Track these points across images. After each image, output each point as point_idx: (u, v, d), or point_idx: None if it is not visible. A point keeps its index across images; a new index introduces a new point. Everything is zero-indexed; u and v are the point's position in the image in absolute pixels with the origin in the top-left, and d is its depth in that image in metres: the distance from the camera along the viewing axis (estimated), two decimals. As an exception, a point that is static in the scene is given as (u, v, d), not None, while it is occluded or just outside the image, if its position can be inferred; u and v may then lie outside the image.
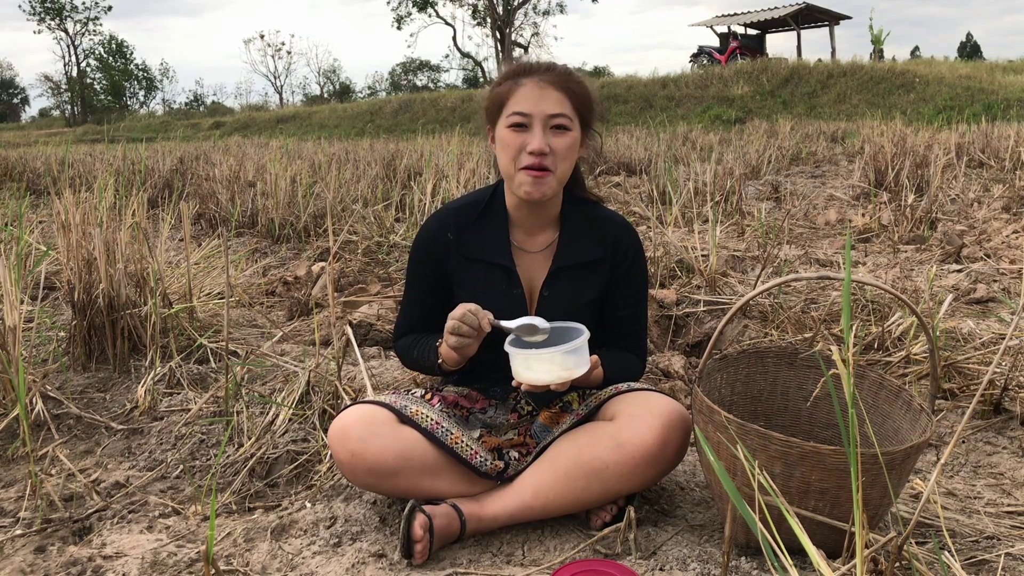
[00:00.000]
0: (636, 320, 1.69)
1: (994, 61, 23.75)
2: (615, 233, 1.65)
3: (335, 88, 58.22)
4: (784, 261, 3.62)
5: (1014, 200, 5.34)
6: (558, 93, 1.53)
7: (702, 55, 26.07)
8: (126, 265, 2.48)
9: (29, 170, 8.67)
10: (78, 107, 47.97)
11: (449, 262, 1.64)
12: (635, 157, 8.49)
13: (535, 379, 1.43)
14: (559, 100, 1.53)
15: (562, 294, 1.62)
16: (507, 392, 1.69)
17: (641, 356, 1.71)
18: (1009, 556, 1.41)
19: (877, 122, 11.87)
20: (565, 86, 1.54)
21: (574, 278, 1.63)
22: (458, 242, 1.64)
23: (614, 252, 1.65)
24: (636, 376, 1.70)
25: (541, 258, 1.65)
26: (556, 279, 1.63)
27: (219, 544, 1.53)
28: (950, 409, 2.12)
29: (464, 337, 1.48)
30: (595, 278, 1.65)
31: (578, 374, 1.44)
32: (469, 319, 1.47)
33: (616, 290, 1.66)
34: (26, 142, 21.55)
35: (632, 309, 1.68)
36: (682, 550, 1.45)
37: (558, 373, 1.43)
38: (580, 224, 1.65)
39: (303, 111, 30.25)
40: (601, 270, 1.65)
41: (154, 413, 2.19)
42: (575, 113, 1.55)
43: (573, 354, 1.43)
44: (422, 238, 1.68)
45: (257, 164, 7.16)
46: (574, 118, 1.55)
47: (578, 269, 1.64)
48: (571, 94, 1.55)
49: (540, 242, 1.65)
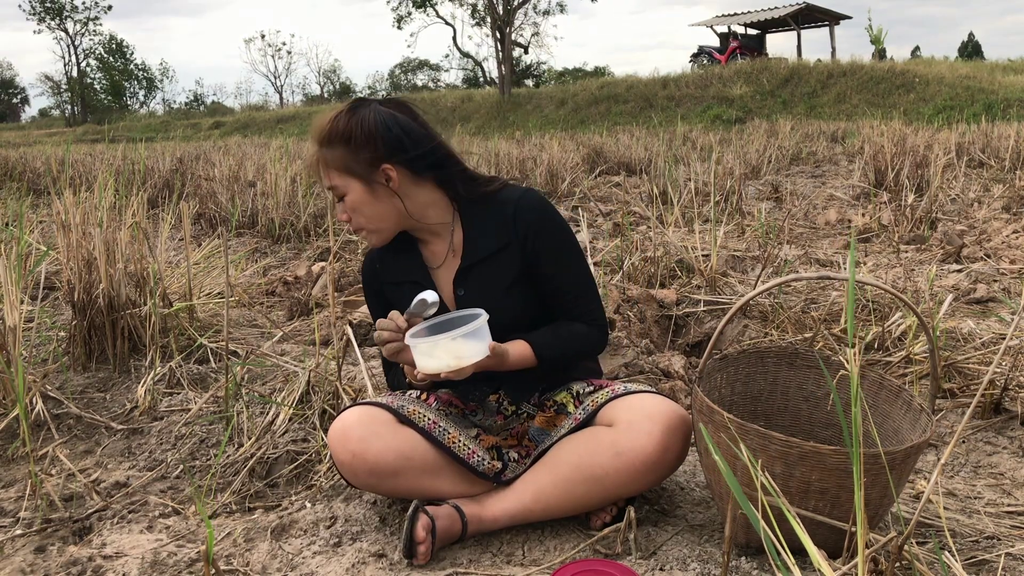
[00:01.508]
0: (572, 287, 1.64)
1: (994, 61, 23.75)
2: (514, 213, 1.61)
3: (335, 88, 58.22)
4: (784, 261, 3.62)
5: (1014, 200, 5.34)
6: (323, 168, 1.57)
7: (702, 55, 26.08)
8: (126, 265, 2.48)
9: (29, 170, 8.67)
10: (78, 107, 47.96)
11: (384, 290, 1.73)
12: (635, 157, 8.49)
13: (430, 367, 1.43)
14: (325, 173, 1.57)
15: (477, 289, 1.62)
16: (486, 394, 1.70)
17: (592, 321, 1.65)
18: (1009, 556, 1.41)
19: (877, 122, 11.87)
20: (324, 158, 1.56)
21: (484, 271, 1.62)
22: (383, 271, 1.72)
23: (517, 230, 1.61)
24: (590, 344, 1.66)
25: (451, 263, 1.66)
26: (466, 277, 1.63)
27: (219, 544, 1.53)
28: (950, 409, 2.12)
29: (390, 343, 1.51)
30: (507, 263, 1.61)
31: (471, 361, 1.43)
32: (385, 324, 1.51)
33: (536, 262, 1.62)
34: (26, 142, 21.56)
35: (561, 278, 1.63)
36: (682, 550, 1.45)
37: (447, 361, 1.42)
38: (480, 219, 1.64)
39: (303, 111, 30.27)
40: (510, 253, 1.61)
41: (154, 413, 2.19)
42: (344, 173, 1.55)
43: (466, 340, 1.42)
44: (364, 276, 1.78)
45: (257, 164, 7.17)
46: (343, 180, 1.55)
47: (485, 261, 1.62)
48: (330, 164, 1.56)
49: (444, 251, 1.67)
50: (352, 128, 1.53)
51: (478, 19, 33.86)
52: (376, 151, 1.53)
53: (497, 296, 1.61)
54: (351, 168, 1.55)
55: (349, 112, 1.55)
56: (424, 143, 1.57)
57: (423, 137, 1.58)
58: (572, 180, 7.08)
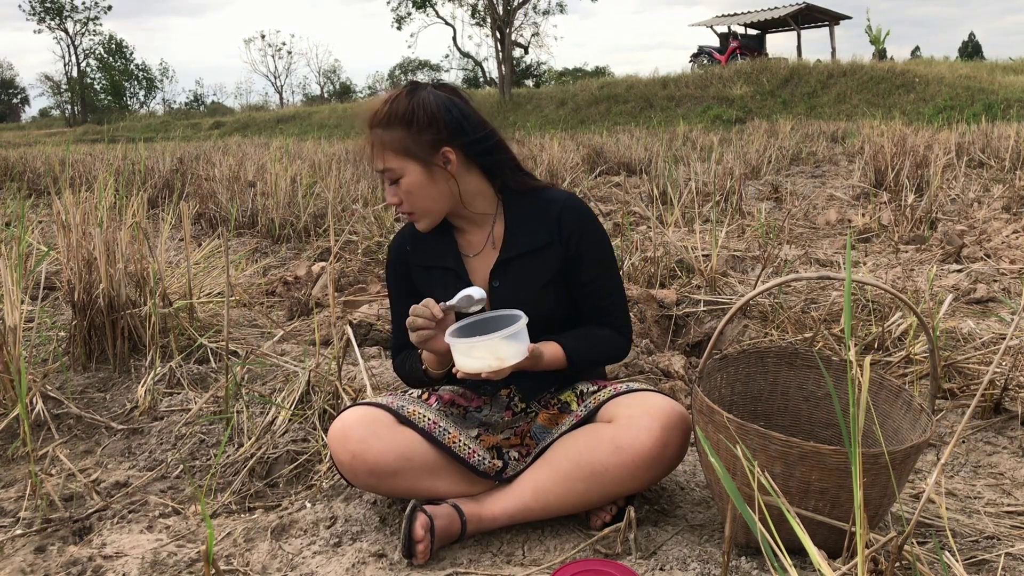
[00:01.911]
0: (604, 292, 1.66)
1: (994, 61, 23.75)
2: (559, 213, 1.63)
3: (335, 88, 58.23)
4: (784, 261, 3.62)
5: (1014, 200, 5.34)
6: (378, 150, 1.55)
7: (702, 55, 26.08)
8: (126, 265, 2.48)
9: (29, 170, 8.67)
10: (78, 107, 47.95)
11: (412, 273, 1.71)
12: (635, 157, 8.49)
13: (469, 367, 1.44)
14: (380, 156, 1.55)
15: (512, 283, 1.62)
16: (497, 388, 1.69)
17: (619, 328, 1.67)
18: (1009, 556, 1.41)
19: (877, 122, 11.87)
20: (381, 139, 1.54)
21: (523, 266, 1.63)
22: (414, 253, 1.69)
23: (561, 232, 1.62)
24: (616, 350, 1.67)
25: (489, 254, 1.66)
26: (504, 270, 1.63)
27: (219, 544, 1.53)
28: (950, 409, 2.12)
29: (422, 330, 1.50)
30: (546, 262, 1.62)
31: (511, 362, 1.44)
32: (420, 311, 1.50)
33: (575, 266, 1.63)
34: (26, 142, 21.56)
35: (596, 283, 1.65)
36: (682, 550, 1.45)
37: (489, 362, 1.43)
38: (524, 213, 1.65)
39: (303, 111, 30.27)
40: (552, 252, 1.62)
41: (154, 413, 2.19)
42: (400, 157, 1.54)
43: (507, 341, 1.42)
44: (390, 255, 1.75)
45: (257, 164, 7.17)
46: (400, 163, 1.54)
47: (525, 257, 1.63)
48: (388, 146, 1.54)
49: (482, 240, 1.67)
50: (414, 109, 1.53)
51: (478, 19, 33.85)
52: (438, 133, 1.53)
53: (532, 292, 1.61)
54: (410, 150, 1.54)
55: (408, 94, 1.55)
56: (480, 128, 1.59)
57: (479, 122, 1.59)
58: (572, 180, 7.08)
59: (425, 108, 1.53)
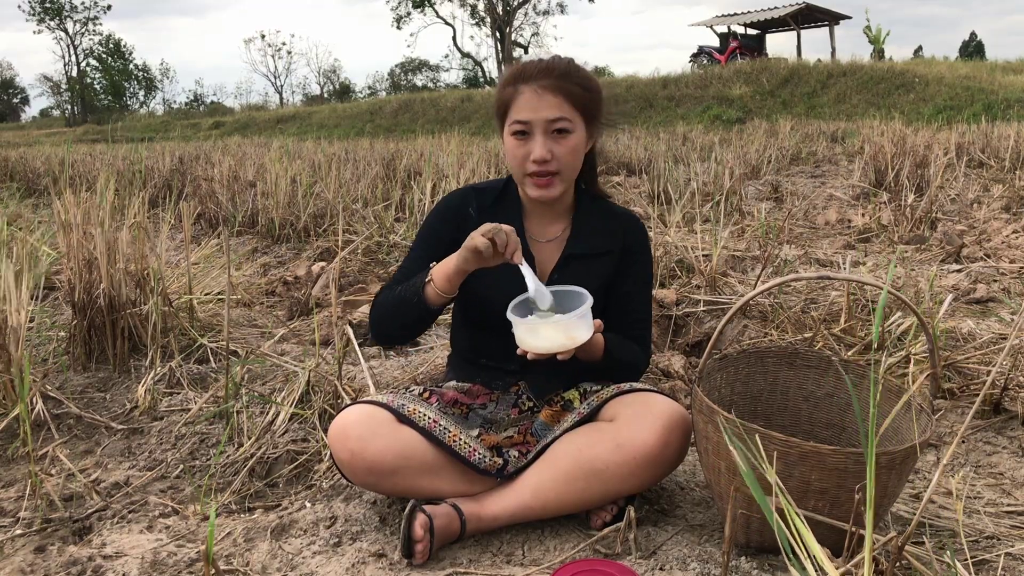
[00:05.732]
0: (639, 309, 1.72)
1: (994, 61, 23.74)
2: (625, 226, 1.71)
3: (335, 88, 58.24)
4: (784, 261, 3.62)
5: (1014, 200, 5.34)
6: (555, 97, 1.54)
7: (702, 55, 26.06)
8: (126, 265, 2.48)
9: (29, 170, 8.67)
10: (78, 107, 47.98)
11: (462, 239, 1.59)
12: (635, 157, 8.49)
13: (540, 347, 1.43)
14: (557, 104, 1.54)
15: (571, 279, 1.63)
16: (509, 385, 1.70)
17: (644, 346, 1.73)
18: (1009, 556, 1.41)
19: (877, 122, 11.86)
20: (563, 88, 1.55)
21: (583, 266, 1.67)
22: (478, 221, 1.59)
23: (623, 245, 1.70)
24: (638, 362, 1.71)
25: (552, 247, 1.70)
26: (566, 266, 1.67)
27: (219, 544, 1.53)
28: (950, 409, 2.12)
29: (494, 243, 1.42)
30: (603, 268, 1.68)
31: (581, 341, 1.44)
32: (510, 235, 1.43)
33: (622, 280, 1.70)
34: (26, 142, 21.55)
35: (636, 300, 1.72)
36: (682, 550, 1.45)
37: (562, 341, 1.43)
38: (592, 217, 1.71)
39: (303, 111, 30.25)
40: (609, 261, 1.69)
41: (154, 413, 2.19)
42: (576, 112, 1.56)
43: (578, 320, 1.43)
44: (445, 204, 1.71)
45: (257, 164, 7.16)
46: (575, 118, 1.56)
47: (588, 258, 1.68)
48: (570, 95, 1.55)
49: (551, 232, 1.70)
50: (588, 77, 1.57)
51: (478, 19, 33.87)
52: (599, 107, 1.59)
53: None
54: (588, 110, 1.57)
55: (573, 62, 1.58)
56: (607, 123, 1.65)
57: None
58: (572, 180, 7.06)
59: (594, 80, 1.58)
